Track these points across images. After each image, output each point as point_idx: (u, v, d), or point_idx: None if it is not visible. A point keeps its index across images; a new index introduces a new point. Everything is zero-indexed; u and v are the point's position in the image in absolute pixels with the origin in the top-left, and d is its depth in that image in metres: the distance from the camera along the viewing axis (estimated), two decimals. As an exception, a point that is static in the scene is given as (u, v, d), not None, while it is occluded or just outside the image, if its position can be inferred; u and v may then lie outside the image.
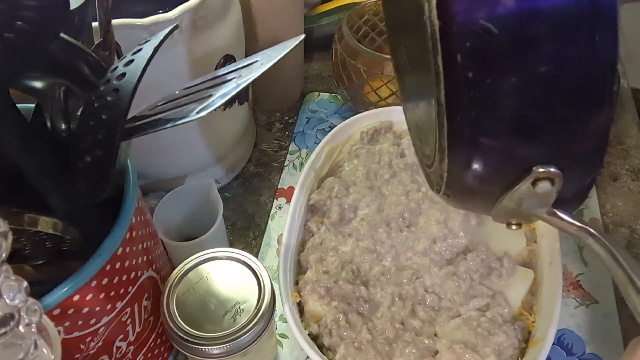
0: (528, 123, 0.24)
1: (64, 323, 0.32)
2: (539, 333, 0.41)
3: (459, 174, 0.27)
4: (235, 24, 0.50)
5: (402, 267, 0.45)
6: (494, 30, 0.22)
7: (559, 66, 0.23)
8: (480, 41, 0.22)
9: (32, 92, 0.32)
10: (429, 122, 0.29)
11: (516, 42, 0.22)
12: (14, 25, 0.25)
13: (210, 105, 0.28)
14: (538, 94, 0.23)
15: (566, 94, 0.23)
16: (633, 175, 0.60)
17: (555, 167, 0.25)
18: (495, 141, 0.25)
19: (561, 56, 0.23)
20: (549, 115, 0.24)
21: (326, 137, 0.53)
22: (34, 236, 0.30)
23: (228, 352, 0.36)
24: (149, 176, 0.55)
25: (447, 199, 0.31)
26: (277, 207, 0.59)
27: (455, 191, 0.29)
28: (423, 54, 0.27)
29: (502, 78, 0.23)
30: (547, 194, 0.26)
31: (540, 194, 0.26)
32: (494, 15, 0.22)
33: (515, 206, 0.28)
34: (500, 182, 0.27)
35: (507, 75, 0.23)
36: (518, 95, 0.23)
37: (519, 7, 0.22)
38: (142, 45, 0.30)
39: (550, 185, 0.25)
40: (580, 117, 0.24)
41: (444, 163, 0.27)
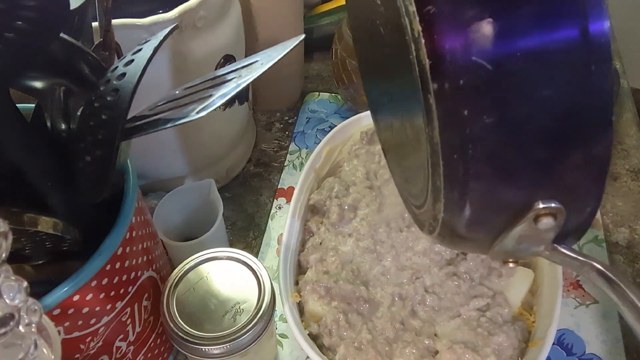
0: (528, 159, 0.24)
1: (64, 323, 0.32)
2: (539, 333, 0.41)
3: (457, 215, 0.26)
4: (235, 24, 0.50)
5: (402, 267, 0.45)
6: (487, 67, 0.21)
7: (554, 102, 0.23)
8: (474, 78, 0.22)
9: (32, 92, 0.32)
10: (417, 161, 0.29)
11: (510, 77, 0.22)
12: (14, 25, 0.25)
13: (210, 105, 0.28)
14: (534, 129, 0.23)
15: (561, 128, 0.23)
16: (633, 175, 0.60)
17: (556, 202, 0.24)
18: (495, 179, 0.24)
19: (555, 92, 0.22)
20: (549, 150, 0.24)
21: (326, 137, 0.53)
22: (34, 236, 0.30)
23: (228, 352, 0.36)
24: (149, 176, 0.55)
25: (442, 240, 0.30)
26: (277, 207, 0.59)
27: (452, 232, 0.28)
28: (408, 94, 0.27)
29: (498, 113, 0.23)
30: (549, 230, 0.25)
31: (542, 231, 0.25)
32: (486, 52, 0.21)
33: (515, 244, 0.27)
34: (501, 221, 0.26)
35: (504, 110, 0.23)
36: (515, 130, 0.23)
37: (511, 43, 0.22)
38: (142, 45, 0.30)
39: (552, 221, 0.25)
40: (581, 151, 0.24)
41: (439, 204, 0.26)
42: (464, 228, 0.27)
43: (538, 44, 0.21)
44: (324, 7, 0.74)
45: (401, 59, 0.26)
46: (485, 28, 0.21)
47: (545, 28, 0.21)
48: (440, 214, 0.27)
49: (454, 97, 0.22)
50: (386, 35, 0.29)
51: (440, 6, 0.22)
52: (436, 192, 0.26)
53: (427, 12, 0.22)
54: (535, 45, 0.21)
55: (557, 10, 0.21)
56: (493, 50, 0.21)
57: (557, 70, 0.22)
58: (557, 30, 0.21)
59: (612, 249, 0.54)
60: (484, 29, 0.21)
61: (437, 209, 0.27)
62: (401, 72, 0.27)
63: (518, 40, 0.21)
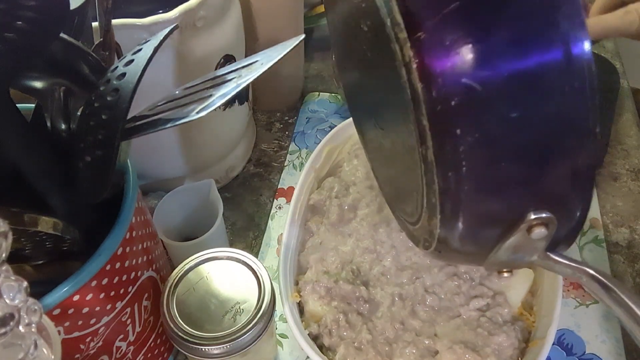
0: (519, 172, 0.25)
1: (64, 323, 0.32)
2: (539, 333, 0.41)
3: (452, 230, 0.27)
4: (235, 24, 0.50)
5: (402, 267, 0.45)
6: (477, 88, 0.22)
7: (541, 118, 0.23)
8: (465, 98, 0.23)
9: (32, 92, 0.32)
10: (410, 180, 0.29)
11: (499, 96, 0.23)
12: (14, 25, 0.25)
13: (210, 105, 0.28)
14: (523, 144, 0.24)
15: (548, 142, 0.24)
16: (633, 175, 0.60)
17: (547, 212, 0.25)
18: (489, 193, 0.25)
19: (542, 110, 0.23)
20: (537, 163, 0.24)
21: (326, 137, 0.53)
22: (34, 236, 0.30)
23: (228, 352, 0.36)
24: (149, 176, 0.55)
25: (438, 255, 0.31)
26: (277, 207, 0.59)
27: (448, 247, 0.28)
28: (398, 115, 0.27)
29: (488, 131, 0.23)
30: (542, 240, 0.26)
31: (535, 240, 0.26)
32: (475, 74, 0.22)
33: (509, 255, 0.28)
34: (495, 233, 0.27)
35: (494, 128, 0.23)
36: (505, 146, 0.24)
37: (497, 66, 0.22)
38: (142, 45, 0.30)
39: (545, 230, 0.25)
40: (568, 162, 0.24)
41: (435, 220, 0.27)
42: (458, 242, 0.27)
43: (521, 66, 0.22)
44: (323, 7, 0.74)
45: (391, 83, 0.26)
46: (472, 51, 0.22)
47: (526, 51, 0.22)
48: (436, 229, 0.27)
49: (447, 117, 0.23)
50: (374, 58, 0.30)
51: (429, 32, 0.23)
52: (431, 209, 0.27)
53: (418, 38, 0.23)
54: (519, 67, 0.22)
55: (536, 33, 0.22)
56: (482, 72, 0.22)
57: (541, 89, 0.23)
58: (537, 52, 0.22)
59: (612, 249, 0.54)
60: (471, 53, 0.22)
61: (432, 225, 0.27)
62: (391, 95, 0.28)
63: (503, 63, 0.22)
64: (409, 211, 0.33)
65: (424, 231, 0.30)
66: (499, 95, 0.23)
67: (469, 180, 0.24)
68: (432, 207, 0.26)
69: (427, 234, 0.29)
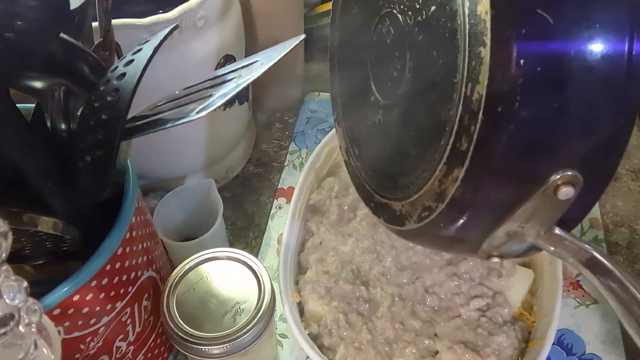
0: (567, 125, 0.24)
1: (64, 323, 0.32)
2: (539, 333, 0.41)
3: (477, 182, 0.26)
4: (235, 24, 0.50)
5: (402, 267, 0.45)
6: (549, 20, 0.22)
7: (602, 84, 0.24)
8: (537, 30, 0.23)
9: (32, 92, 0.32)
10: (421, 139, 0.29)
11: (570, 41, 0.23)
12: (14, 25, 0.25)
13: (210, 105, 0.28)
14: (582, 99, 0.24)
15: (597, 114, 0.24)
16: (633, 175, 0.60)
17: (577, 172, 0.25)
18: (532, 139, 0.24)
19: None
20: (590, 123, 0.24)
21: (326, 137, 0.53)
22: (34, 236, 0.30)
23: (228, 352, 0.36)
24: (149, 176, 0.55)
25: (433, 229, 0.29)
26: (277, 207, 0.59)
27: (456, 212, 0.27)
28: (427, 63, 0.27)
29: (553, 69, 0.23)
30: (566, 202, 0.26)
31: (560, 201, 0.25)
32: (550, 9, 0.22)
33: (519, 225, 0.27)
34: (519, 191, 0.26)
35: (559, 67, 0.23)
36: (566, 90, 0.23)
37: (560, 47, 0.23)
38: (142, 45, 0.30)
39: (572, 190, 0.25)
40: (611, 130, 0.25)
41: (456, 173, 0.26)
42: (475, 201, 0.26)
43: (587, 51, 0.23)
44: (324, 7, 0.74)
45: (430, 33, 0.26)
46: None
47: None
48: (453, 186, 0.26)
49: (515, 46, 0.22)
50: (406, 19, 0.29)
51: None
52: (456, 160, 0.25)
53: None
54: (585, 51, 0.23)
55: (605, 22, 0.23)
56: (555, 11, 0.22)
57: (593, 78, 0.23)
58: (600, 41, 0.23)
59: (612, 249, 0.54)
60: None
61: (448, 181, 0.26)
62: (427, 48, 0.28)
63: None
64: (402, 184, 0.31)
65: (427, 198, 0.28)
66: (571, 30, 0.23)
67: (517, 119, 0.23)
68: (458, 157, 0.25)
69: (432, 199, 0.28)
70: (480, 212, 0.27)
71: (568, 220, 0.27)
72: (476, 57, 0.23)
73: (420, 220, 0.29)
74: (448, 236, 0.29)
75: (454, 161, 0.26)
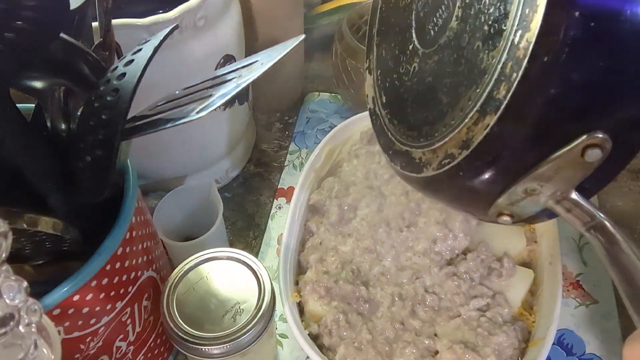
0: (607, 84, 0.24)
1: (64, 323, 0.32)
2: (539, 333, 0.41)
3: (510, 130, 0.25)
4: (235, 24, 0.50)
5: (402, 267, 0.45)
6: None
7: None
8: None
9: (32, 92, 0.32)
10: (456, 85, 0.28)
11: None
12: (14, 25, 0.25)
13: (210, 105, 0.28)
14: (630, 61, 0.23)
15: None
16: (633, 175, 0.60)
17: (608, 135, 0.24)
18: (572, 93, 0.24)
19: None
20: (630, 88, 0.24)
21: (326, 137, 0.53)
22: (34, 236, 0.30)
23: (228, 352, 0.36)
24: (149, 176, 0.55)
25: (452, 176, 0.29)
26: (277, 207, 0.59)
27: (482, 158, 0.27)
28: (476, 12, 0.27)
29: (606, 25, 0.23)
30: (590, 165, 0.25)
31: (587, 163, 0.25)
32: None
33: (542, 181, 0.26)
34: (550, 145, 0.25)
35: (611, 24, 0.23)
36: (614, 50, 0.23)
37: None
38: (142, 45, 0.30)
39: (600, 152, 0.25)
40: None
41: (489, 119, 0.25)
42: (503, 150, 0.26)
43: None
44: (324, 7, 0.74)
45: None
46: None
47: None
48: (482, 132, 0.25)
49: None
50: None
51: None
52: (491, 106, 0.25)
53: None
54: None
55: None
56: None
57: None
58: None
59: (612, 249, 0.54)
60: None
61: (478, 128, 0.26)
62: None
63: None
64: (427, 132, 0.31)
65: (452, 145, 0.28)
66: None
67: (561, 71, 0.23)
68: (493, 104, 0.25)
69: (456, 146, 0.27)
70: (504, 164, 0.27)
71: (587, 187, 0.27)
72: (530, 5, 0.23)
73: (440, 167, 0.29)
74: (464, 187, 0.29)
75: (488, 108, 0.25)
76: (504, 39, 0.25)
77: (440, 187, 0.31)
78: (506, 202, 0.29)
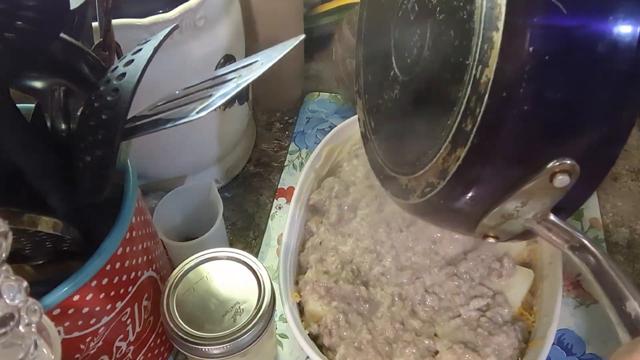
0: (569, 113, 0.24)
1: (64, 323, 0.32)
2: (539, 333, 0.41)
3: (478, 163, 0.26)
4: (235, 24, 0.50)
5: (402, 267, 0.45)
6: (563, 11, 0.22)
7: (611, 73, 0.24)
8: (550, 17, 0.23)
9: (32, 92, 0.32)
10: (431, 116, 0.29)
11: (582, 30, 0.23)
12: (14, 25, 0.25)
13: (210, 105, 0.28)
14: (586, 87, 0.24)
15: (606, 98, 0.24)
16: (633, 175, 0.60)
17: (575, 161, 0.25)
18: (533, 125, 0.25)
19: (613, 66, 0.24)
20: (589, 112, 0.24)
21: (326, 137, 0.53)
22: (34, 236, 0.30)
23: (228, 352, 0.36)
24: (149, 176, 0.55)
25: (434, 205, 0.30)
26: (277, 207, 0.59)
27: (457, 189, 0.28)
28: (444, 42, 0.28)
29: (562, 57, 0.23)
30: (561, 190, 0.26)
31: (555, 190, 0.26)
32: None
33: (515, 206, 0.27)
34: (517, 174, 0.26)
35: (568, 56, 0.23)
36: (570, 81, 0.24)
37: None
38: (142, 45, 0.30)
39: (568, 179, 0.25)
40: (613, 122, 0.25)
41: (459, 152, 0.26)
42: (474, 181, 0.27)
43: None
44: (324, 7, 0.74)
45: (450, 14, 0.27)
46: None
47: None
48: (454, 165, 0.26)
49: (525, 32, 0.23)
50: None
51: None
52: (460, 139, 0.26)
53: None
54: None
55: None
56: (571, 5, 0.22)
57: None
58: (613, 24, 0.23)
59: (612, 249, 0.54)
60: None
61: (451, 160, 0.27)
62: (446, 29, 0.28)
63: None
64: (410, 159, 0.32)
65: (431, 174, 0.29)
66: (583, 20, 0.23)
67: (520, 105, 0.24)
68: (462, 137, 0.26)
69: (435, 176, 0.29)
70: (478, 191, 0.28)
71: (564, 208, 0.28)
72: (488, 41, 0.24)
73: (423, 195, 0.30)
74: (447, 212, 0.30)
75: (458, 141, 0.26)
76: (467, 73, 0.25)
77: (427, 212, 0.33)
78: (488, 226, 0.30)
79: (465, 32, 0.26)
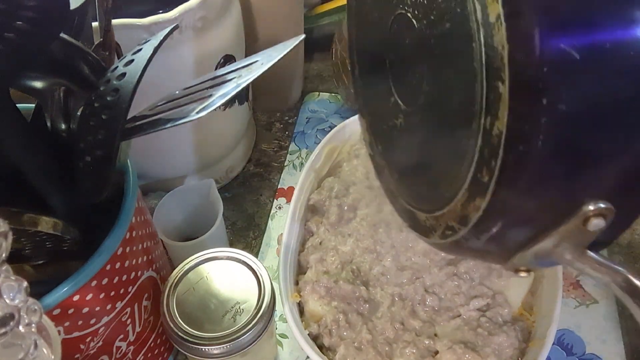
0: (594, 155, 0.23)
1: (64, 323, 0.32)
2: (539, 333, 0.41)
3: (500, 215, 0.24)
4: (235, 24, 0.50)
5: (402, 267, 0.45)
6: (575, 56, 0.20)
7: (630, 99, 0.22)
8: (561, 65, 0.20)
9: (32, 92, 0.32)
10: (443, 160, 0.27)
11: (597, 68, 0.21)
12: (14, 25, 0.25)
13: (210, 105, 0.28)
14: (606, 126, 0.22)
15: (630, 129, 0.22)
16: (633, 175, 0.60)
17: (609, 203, 0.23)
18: (557, 174, 0.23)
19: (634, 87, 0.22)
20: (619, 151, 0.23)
21: (326, 137, 0.53)
22: (34, 236, 0.30)
23: (228, 352, 0.36)
24: (149, 176, 0.55)
25: (455, 247, 0.28)
26: (277, 207, 0.59)
27: (481, 236, 0.26)
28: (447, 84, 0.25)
29: (578, 104, 0.21)
30: (596, 233, 0.24)
31: (589, 232, 0.24)
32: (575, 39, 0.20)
33: (549, 248, 0.25)
34: (547, 222, 0.24)
35: (585, 101, 0.21)
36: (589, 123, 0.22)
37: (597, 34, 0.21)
38: (142, 45, 0.30)
39: (603, 222, 0.23)
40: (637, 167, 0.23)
41: (480, 202, 0.24)
42: (498, 230, 0.25)
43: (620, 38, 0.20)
44: (324, 7, 0.74)
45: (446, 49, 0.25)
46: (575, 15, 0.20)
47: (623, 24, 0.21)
48: (476, 213, 0.25)
49: (535, 85, 0.21)
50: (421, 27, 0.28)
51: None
52: (477, 189, 0.24)
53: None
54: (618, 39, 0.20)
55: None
56: (582, 38, 0.20)
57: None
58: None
59: (612, 249, 0.54)
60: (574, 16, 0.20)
61: (471, 208, 0.25)
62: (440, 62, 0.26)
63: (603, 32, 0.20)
64: (425, 195, 0.30)
65: (450, 218, 0.27)
66: (597, 66, 0.21)
67: (540, 157, 0.22)
68: (480, 187, 0.24)
69: (455, 220, 0.27)
70: (504, 239, 0.26)
71: (598, 242, 0.26)
72: (494, 91, 0.22)
73: (444, 237, 0.29)
74: (473, 252, 0.28)
75: (476, 191, 0.25)
76: (476, 121, 0.24)
77: (452, 251, 0.31)
78: (519, 263, 0.28)
79: (467, 72, 0.23)
